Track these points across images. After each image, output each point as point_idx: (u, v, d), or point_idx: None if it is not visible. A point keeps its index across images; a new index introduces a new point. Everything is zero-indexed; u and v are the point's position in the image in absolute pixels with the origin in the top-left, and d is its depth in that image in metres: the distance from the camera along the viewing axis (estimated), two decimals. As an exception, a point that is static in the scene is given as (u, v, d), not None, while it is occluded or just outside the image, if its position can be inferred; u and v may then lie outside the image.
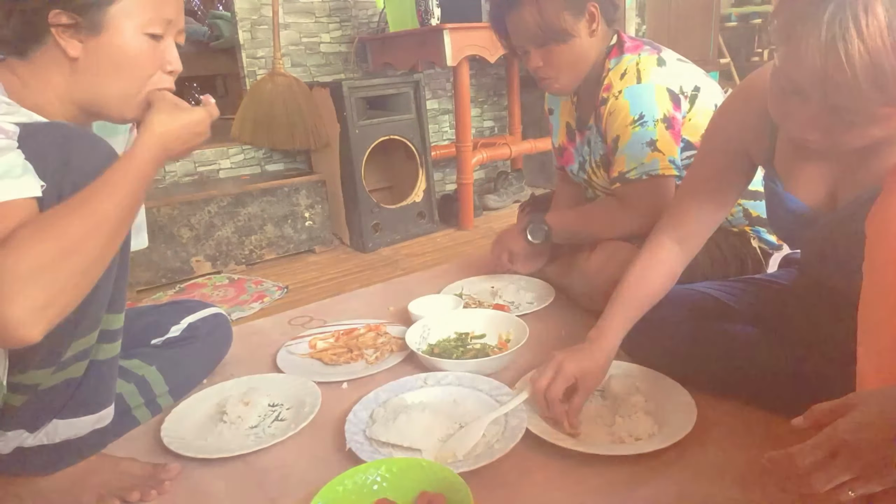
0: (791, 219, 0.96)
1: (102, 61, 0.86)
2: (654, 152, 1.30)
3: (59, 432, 0.88)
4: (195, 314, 1.26)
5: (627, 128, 1.32)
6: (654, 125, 1.30)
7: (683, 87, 1.34)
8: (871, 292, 0.69)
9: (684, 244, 1.08)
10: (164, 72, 0.92)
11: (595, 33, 1.36)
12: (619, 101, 1.33)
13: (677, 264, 1.09)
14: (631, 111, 1.31)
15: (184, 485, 0.98)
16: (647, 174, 1.31)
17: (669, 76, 1.33)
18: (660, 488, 0.89)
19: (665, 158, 1.30)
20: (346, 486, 0.84)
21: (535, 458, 0.97)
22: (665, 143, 1.30)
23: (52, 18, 0.82)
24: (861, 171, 0.85)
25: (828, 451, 0.58)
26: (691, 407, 1.01)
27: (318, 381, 1.21)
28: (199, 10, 4.71)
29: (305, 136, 2.30)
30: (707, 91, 1.36)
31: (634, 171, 1.32)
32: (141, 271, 1.96)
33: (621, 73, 1.34)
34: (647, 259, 1.08)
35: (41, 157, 0.75)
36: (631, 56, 1.36)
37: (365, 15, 2.60)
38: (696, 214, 1.06)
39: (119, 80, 0.88)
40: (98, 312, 0.85)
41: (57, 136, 0.78)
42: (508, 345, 1.32)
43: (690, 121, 1.35)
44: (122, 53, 0.86)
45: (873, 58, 0.64)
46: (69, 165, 0.76)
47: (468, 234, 2.41)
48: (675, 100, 1.32)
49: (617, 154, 1.35)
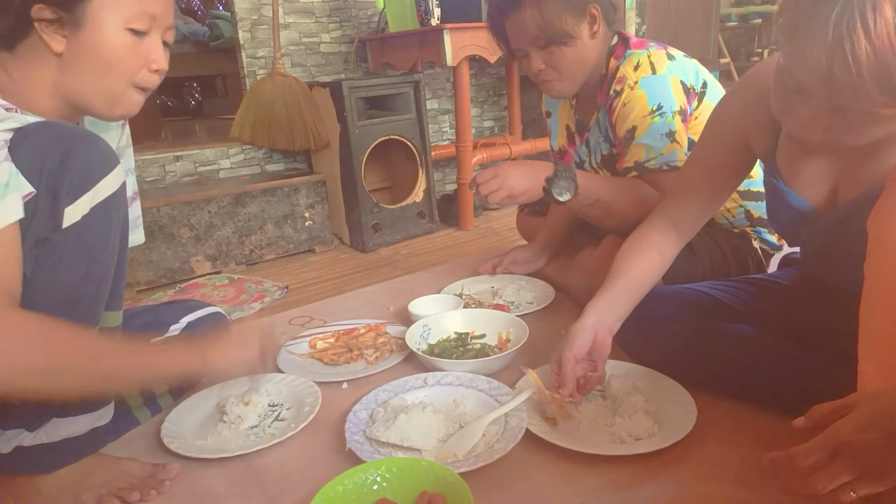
0: (792, 216, 0.95)
1: (85, 57, 0.85)
2: (673, 143, 1.29)
3: (58, 431, 0.88)
4: (194, 313, 1.26)
5: (646, 118, 1.29)
6: (673, 116, 1.29)
7: (694, 83, 1.33)
8: (872, 292, 0.68)
9: (679, 229, 1.08)
10: (149, 70, 0.90)
11: (596, 35, 1.35)
12: (636, 92, 1.31)
13: (669, 246, 1.09)
14: (649, 101, 1.29)
15: (184, 485, 0.97)
16: (668, 164, 1.29)
17: (681, 70, 1.33)
18: (660, 488, 0.88)
19: (682, 150, 1.29)
20: (346, 485, 0.84)
21: (535, 459, 0.96)
22: (682, 134, 1.30)
23: (35, 13, 0.81)
24: (863, 170, 0.84)
25: (829, 452, 0.58)
26: (691, 407, 1.00)
27: (317, 381, 1.21)
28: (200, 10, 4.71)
29: (305, 136, 2.30)
30: (713, 89, 1.36)
31: (654, 161, 1.30)
32: (141, 271, 1.96)
33: (634, 65, 1.33)
34: (635, 238, 1.09)
35: (40, 155, 0.75)
36: (640, 51, 1.35)
37: (365, 15, 2.60)
38: (692, 202, 1.07)
39: (102, 77, 0.86)
40: (96, 311, 0.85)
41: (56, 135, 0.78)
42: (508, 345, 1.32)
43: (696, 119, 1.34)
44: (103, 49, 0.85)
45: (880, 59, 0.64)
46: (67, 164, 0.76)
47: (468, 234, 2.41)
48: (688, 93, 1.32)
49: (633, 144, 1.32)
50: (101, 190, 0.81)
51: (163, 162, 2.27)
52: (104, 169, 0.82)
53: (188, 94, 4.79)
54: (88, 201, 0.80)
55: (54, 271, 0.80)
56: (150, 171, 2.24)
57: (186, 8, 4.64)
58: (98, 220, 0.82)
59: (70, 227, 0.79)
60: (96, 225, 0.82)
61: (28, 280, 0.78)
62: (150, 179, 2.24)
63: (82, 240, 0.81)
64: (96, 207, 0.81)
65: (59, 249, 0.79)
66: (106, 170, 0.82)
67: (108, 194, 0.83)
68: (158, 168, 2.26)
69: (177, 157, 2.30)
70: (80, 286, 0.82)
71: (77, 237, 0.80)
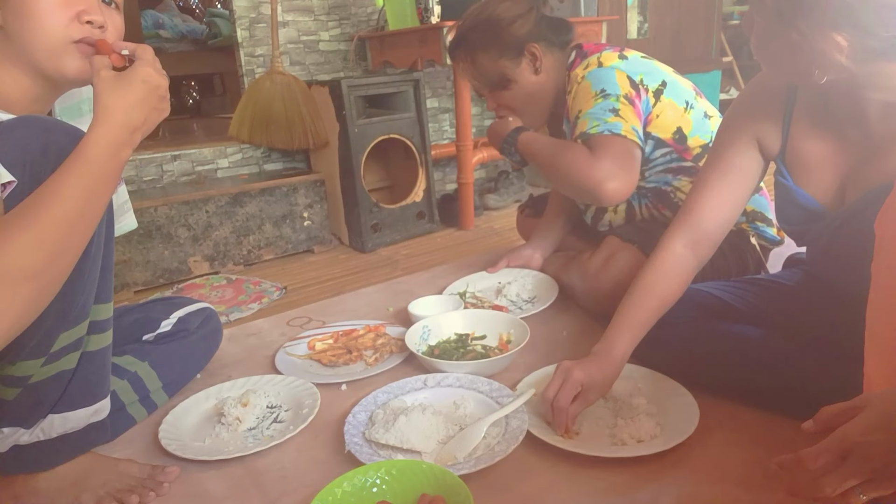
0: (800, 214, 0.95)
1: (19, 19, 0.85)
2: (616, 117, 1.28)
3: (55, 427, 0.88)
4: (183, 308, 1.26)
5: (590, 100, 1.32)
6: (617, 99, 1.30)
7: (645, 80, 1.34)
8: (879, 293, 0.68)
9: (697, 249, 1.06)
10: (80, 21, 0.87)
11: (540, 70, 1.41)
12: (582, 84, 1.35)
13: (688, 272, 1.07)
14: (592, 87, 1.33)
15: (182, 487, 0.97)
16: (610, 131, 1.27)
17: (630, 67, 1.34)
18: (662, 490, 0.88)
19: (628, 125, 1.28)
20: (345, 488, 0.83)
21: (535, 461, 0.96)
22: (627, 113, 1.29)
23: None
24: (871, 168, 0.84)
25: (838, 455, 0.58)
26: (693, 408, 1.00)
27: (316, 383, 1.20)
28: (198, 9, 4.70)
29: (304, 135, 2.29)
30: (674, 87, 1.37)
31: (596, 128, 1.28)
32: (138, 272, 1.96)
33: (584, 66, 1.37)
34: (657, 267, 1.06)
35: (22, 147, 0.76)
36: (593, 55, 1.38)
37: (364, 13, 2.59)
38: (710, 213, 1.04)
39: (34, 34, 0.86)
40: (86, 303, 0.85)
41: (37, 128, 0.78)
42: (509, 346, 1.31)
43: (658, 117, 1.35)
44: (30, 5, 0.84)
45: None
46: (49, 154, 0.77)
47: (468, 234, 2.40)
48: (635, 87, 1.33)
49: (579, 121, 1.32)
50: None
51: (160, 161, 2.26)
52: None
53: (186, 92, 4.78)
54: None
55: None
56: (147, 170, 2.23)
57: (184, 6, 4.62)
58: None
59: None
60: None
61: None
62: (147, 179, 2.24)
63: None
64: None
65: None
66: None
67: None
68: (156, 167, 2.25)
69: (174, 157, 2.29)
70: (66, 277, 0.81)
71: None
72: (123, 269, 1.92)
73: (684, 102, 1.36)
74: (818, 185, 0.92)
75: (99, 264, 0.86)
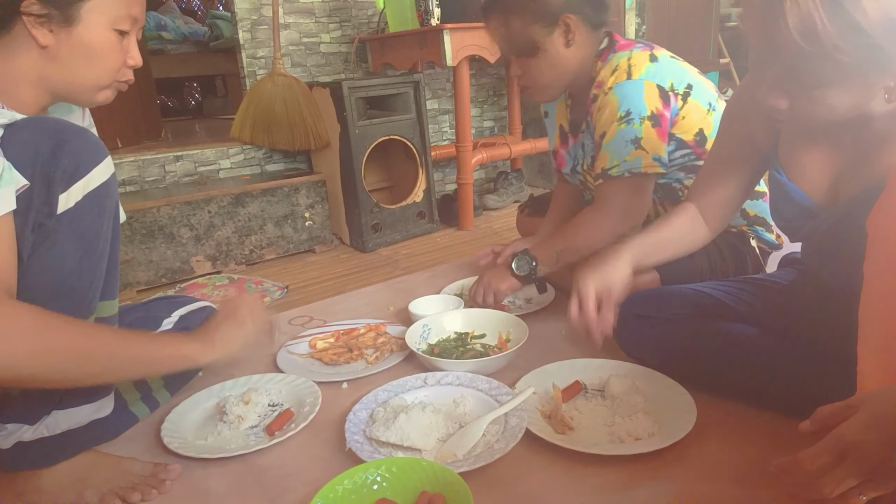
0: (794, 211, 0.96)
1: (74, 52, 0.90)
2: (638, 150, 1.30)
3: (59, 423, 0.89)
4: (185, 307, 1.27)
5: (613, 124, 1.32)
6: (641, 122, 1.30)
7: (675, 85, 1.34)
8: (871, 292, 0.68)
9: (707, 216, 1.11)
10: (126, 65, 0.96)
11: (572, 43, 1.36)
12: (608, 97, 1.33)
13: (700, 231, 1.11)
14: (619, 108, 1.31)
15: (184, 485, 0.97)
16: (630, 171, 1.31)
17: (660, 73, 1.33)
18: (659, 488, 0.88)
19: (649, 157, 1.30)
20: (346, 485, 0.84)
21: (534, 458, 0.96)
22: (650, 141, 1.30)
23: (24, 7, 0.85)
24: (863, 167, 0.85)
25: (835, 455, 0.58)
26: (691, 407, 1.01)
27: (317, 381, 1.21)
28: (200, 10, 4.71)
29: (305, 136, 2.30)
30: (700, 89, 1.36)
31: (617, 169, 1.32)
32: (141, 271, 1.96)
33: (612, 69, 1.34)
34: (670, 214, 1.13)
35: (32, 147, 0.79)
36: (622, 53, 1.35)
37: (365, 15, 2.60)
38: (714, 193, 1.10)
39: (89, 71, 0.92)
40: (92, 300, 0.87)
41: (47, 128, 0.82)
42: (508, 345, 1.32)
43: (684, 119, 1.35)
44: (92, 47, 0.90)
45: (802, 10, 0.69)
46: (59, 153, 0.80)
47: (468, 234, 2.41)
48: (665, 97, 1.32)
49: (601, 150, 1.35)
50: (93, 178, 0.85)
51: (163, 162, 2.27)
52: (95, 158, 0.85)
53: (188, 94, 4.79)
54: (81, 189, 0.83)
55: (50, 257, 0.82)
56: (150, 170, 2.24)
57: (186, 8, 4.64)
58: (90, 208, 0.85)
59: (64, 214, 0.82)
60: (89, 213, 0.85)
61: (26, 266, 0.80)
62: (150, 179, 2.25)
63: (76, 227, 0.83)
64: (88, 196, 0.84)
65: (54, 235, 0.82)
66: (97, 159, 0.86)
67: (100, 183, 0.86)
68: (158, 168, 2.26)
69: (177, 157, 2.30)
70: (74, 273, 0.84)
71: (71, 224, 0.83)
72: (126, 268, 1.93)
73: (707, 104, 1.36)
74: (811, 183, 0.93)
75: (105, 262, 0.87)
